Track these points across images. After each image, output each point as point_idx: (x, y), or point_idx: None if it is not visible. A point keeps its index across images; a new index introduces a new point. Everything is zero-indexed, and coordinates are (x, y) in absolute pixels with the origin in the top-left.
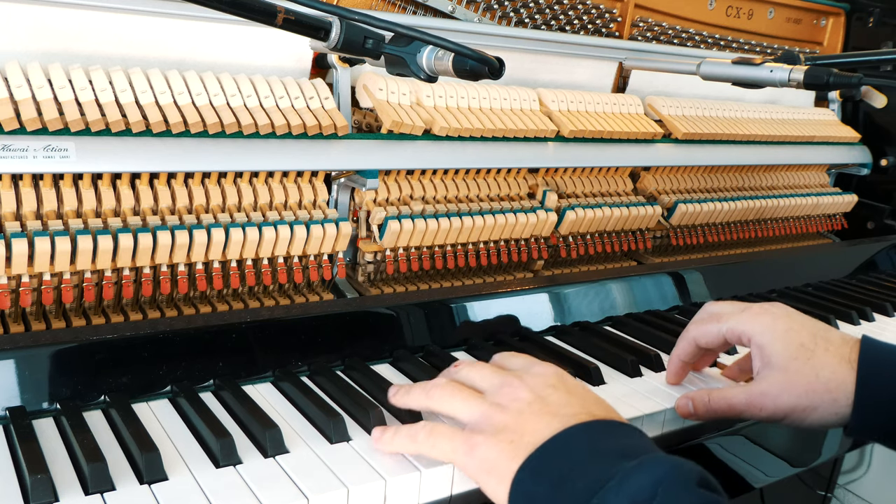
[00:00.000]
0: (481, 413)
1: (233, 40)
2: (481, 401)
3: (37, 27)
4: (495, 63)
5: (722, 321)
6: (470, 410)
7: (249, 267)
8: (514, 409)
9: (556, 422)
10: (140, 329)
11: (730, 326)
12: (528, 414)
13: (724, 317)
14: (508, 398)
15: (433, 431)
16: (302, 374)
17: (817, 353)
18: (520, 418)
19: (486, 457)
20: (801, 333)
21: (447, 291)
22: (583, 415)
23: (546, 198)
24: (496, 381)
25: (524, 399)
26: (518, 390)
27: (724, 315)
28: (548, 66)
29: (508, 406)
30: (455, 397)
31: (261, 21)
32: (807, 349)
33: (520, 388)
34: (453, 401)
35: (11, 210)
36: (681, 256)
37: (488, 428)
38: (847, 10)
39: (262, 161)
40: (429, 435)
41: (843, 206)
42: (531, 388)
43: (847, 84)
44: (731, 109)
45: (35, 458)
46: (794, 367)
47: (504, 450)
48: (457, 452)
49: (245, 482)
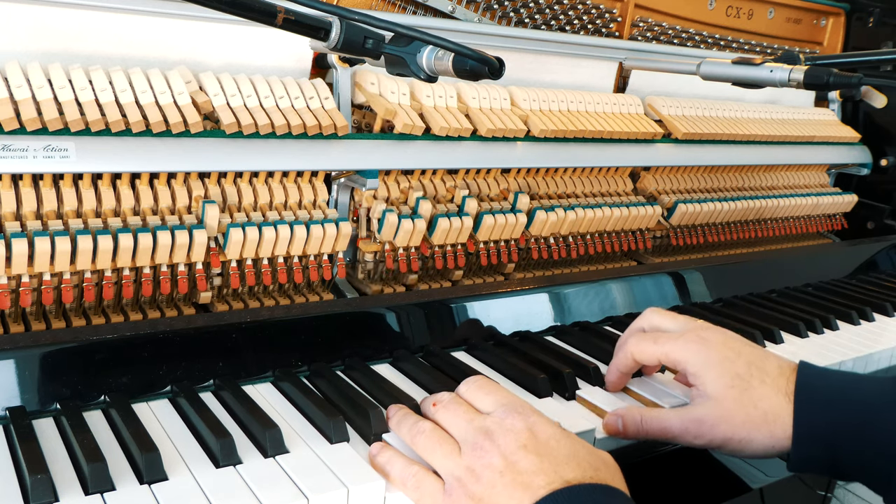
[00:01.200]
0: (456, 477)
1: (233, 40)
2: (457, 461)
3: (37, 27)
4: (495, 63)
5: (658, 343)
6: (447, 469)
7: (249, 267)
8: (486, 480)
9: (527, 496)
10: (140, 329)
11: (664, 351)
12: (499, 486)
13: (660, 339)
14: (480, 464)
15: (420, 484)
16: (302, 375)
17: (753, 384)
18: (492, 491)
19: None
20: (737, 363)
21: (447, 291)
22: (555, 483)
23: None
24: (469, 435)
25: (495, 467)
26: (489, 455)
27: (661, 338)
28: (548, 66)
29: (481, 474)
30: (435, 452)
31: (261, 21)
32: (742, 379)
33: (490, 452)
34: (434, 455)
35: (11, 210)
36: (681, 256)
37: (462, 497)
38: (847, 10)
39: (262, 161)
40: (415, 487)
41: (843, 206)
42: (502, 452)
43: (847, 84)
44: (731, 109)
45: (35, 458)
46: (731, 397)
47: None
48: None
49: (245, 482)
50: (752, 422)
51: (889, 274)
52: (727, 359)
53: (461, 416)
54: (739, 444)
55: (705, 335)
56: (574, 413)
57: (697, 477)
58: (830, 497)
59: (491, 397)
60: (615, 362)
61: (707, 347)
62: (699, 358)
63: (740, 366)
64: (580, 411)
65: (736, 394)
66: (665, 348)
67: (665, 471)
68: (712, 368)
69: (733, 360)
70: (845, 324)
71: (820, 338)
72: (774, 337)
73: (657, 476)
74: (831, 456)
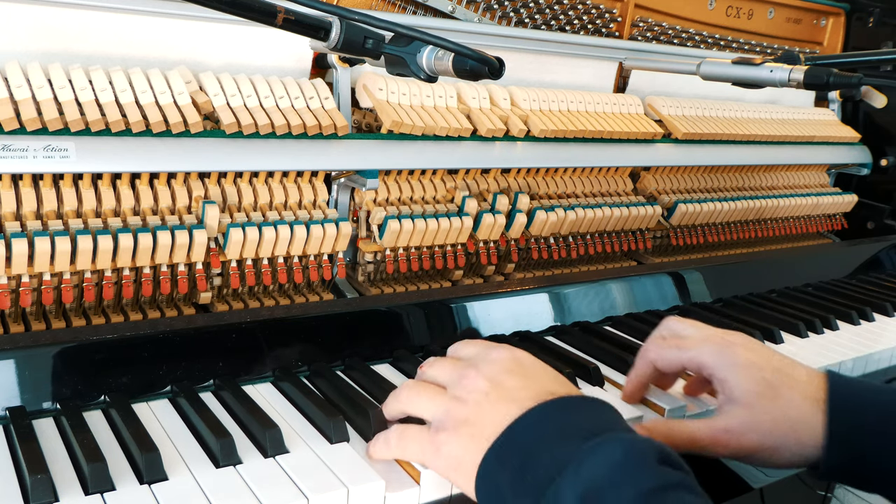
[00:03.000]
0: (444, 409)
1: (233, 40)
2: (443, 396)
3: (37, 27)
4: (495, 63)
5: (683, 349)
6: (434, 408)
7: (249, 267)
8: (473, 401)
9: (515, 407)
10: (140, 329)
11: (690, 357)
12: (485, 404)
13: (685, 344)
14: (466, 390)
15: (402, 435)
16: (302, 374)
17: (782, 390)
18: (479, 409)
19: (452, 454)
20: (765, 369)
21: (447, 291)
22: (542, 395)
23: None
24: (455, 373)
25: (481, 389)
26: (475, 380)
27: (686, 342)
28: (548, 66)
29: (467, 398)
30: (420, 396)
31: (261, 21)
32: (772, 387)
33: (476, 377)
34: (419, 400)
35: (11, 210)
36: (681, 256)
37: (450, 424)
38: (847, 10)
39: (262, 161)
40: (399, 439)
41: (843, 206)
42: (487, 376)
43: (847, 84)
44: (731, 109)
45: (35, 458)
46: (760, 406)
47: (466, 445)
48: (426, 454)
49: (245, 482)
50: (780, 430)
51: (889, 274)
52: (754, 364)
53: (446, 364)
54: (767, 453)
55: (730, 339)
56: None
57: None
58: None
59: (474, 346)
60: (635, 372)
61: (733, 352)
62: (725, 362)
63: (769, 372)
64: None
65: (766, 402)
66: (690, 354)
67: None
68: (739, 373)
69: (761, 367)
70: (845, 324)
71: (820, 338)
72: (774, 337)
73: None
74: (860, 464)
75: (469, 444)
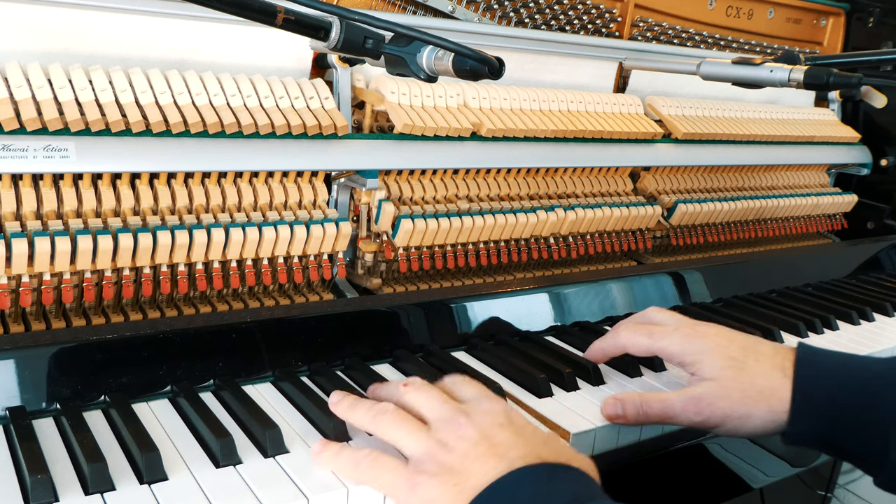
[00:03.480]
0: (426, 450)
1: (233, 40)
2: (427, 436)
3: (37, 27)
4: (495, 63)
5: (654, 338)
6: (415, 444)
7: (249, 267)
8: (460, 451)
9: (503, 464)
10: (140, 329)
11: (661, 346)
12: (473, 456)
13: (656, 333)
14: (454, 436)
15: (376, 462)
16: (302, 374)
17: (748, 363)
18: (465, 460)
19: (428, 497)
20: (730, 348)
21: (447, 291)
22: (530, 457)
23: None
24: (444, 413)
25: (470, 439)
26: (464, 428)
27: (657, 332)
28: (548, 66)
29: (454, 446)
30: (401, 428)
31: (261, 21)
32: (737, 360)
33: (466, 426)
34: (399, 431)
35: (11, 210)
36: (681, 256)
37: (432, 468)
38: (847, 10)
39: (262, 161)
40: (371, 466)
41: (843, 206)
42: (478, 426)
43: (847, 84)
44: (731, 109)
45: (35, 458)
46: (727, 376)
47: (447, 492)
48: (398, 489)
49: (245, 482)
50: (749, 398)
51: (889, 274)
52: (720, 346)
53: (435, 397)
54: (739, 421)
55: (700, 329)
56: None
57: (698, 476)
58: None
59: (470, 389)
60: (603, 343)
61: (702, 338)
62: (695, 347)
63: (734, 350)
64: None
65: (732, 373)
66: (661, 343)
67: (665, 470)
68: (708, 354)
69: (726, 346)
70: (845, 324)
71: (820, 338)
72: (774, 337)
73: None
74: (828, 430)
75: (450, 493)
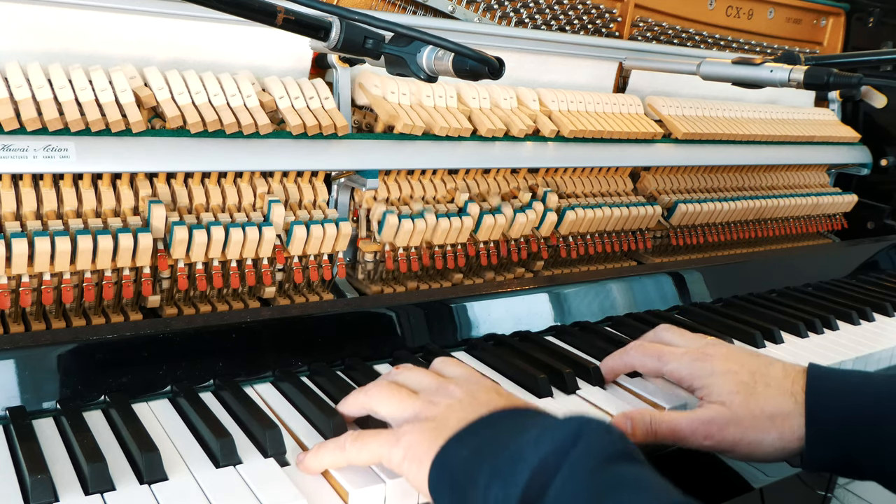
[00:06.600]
0: (414, 411)
1: (233, 40)
2: (414, 400)
3: (37, 27)
4: (495, 63)
5: (663, 361)
6: (404, 409)
7: (249, 267)
8: (445, 405)
9: (483, 409)
10: (140, 329)
11: (670, 370)
12: (456, 407)
13: (665, 356)
14: (441, 396)
15: (360, 437)
16: (302, 374)
17: (758, 388)
18: (448, 411)
19: (411, 442)
20: (740, 373)
21: (447, 291)
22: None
23: (547, 198)
24: (433, 385)
25: (456, 396)
26: (452, 389)
27: (666, 355)
28: (548, 66)
29: (439, 402)
30: (392, 396)
31: (261, 21)
32: (747, 385)
33: (455, 388)
34: (391, 399)
35: (11, 210)
36: (681, 256)
37: (416, 421)
38: (847, 10)
39: (262, 161)
40: (356, 439)
41: (843, 206)
42: (465, 389)
43: (847, 84)
44: (731, 109)
45: (35, 458)
46: (737, 402)
47: (427, 435)
48: (383, 446)
49: (245, 482)
50: (759, 424)
51: (889, 274)
52: (730, 370)
53: (426, 375)
54: (749, 447)
55: (708, 350)
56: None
57: (698, 477)
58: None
59: (459, 368)
60: (612, 363)
61: (710, 362)
62: (703, 371)
63: (744, 375)
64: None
65: (741, 399)
66: (669, 367)
67: (665, 470)
68: (717, 380)
69: (736, 372)
70: (845, 324)
71: (820, 338)
72: (774, 337)
73: None
74: (844, 454)
75: (430, 434)
